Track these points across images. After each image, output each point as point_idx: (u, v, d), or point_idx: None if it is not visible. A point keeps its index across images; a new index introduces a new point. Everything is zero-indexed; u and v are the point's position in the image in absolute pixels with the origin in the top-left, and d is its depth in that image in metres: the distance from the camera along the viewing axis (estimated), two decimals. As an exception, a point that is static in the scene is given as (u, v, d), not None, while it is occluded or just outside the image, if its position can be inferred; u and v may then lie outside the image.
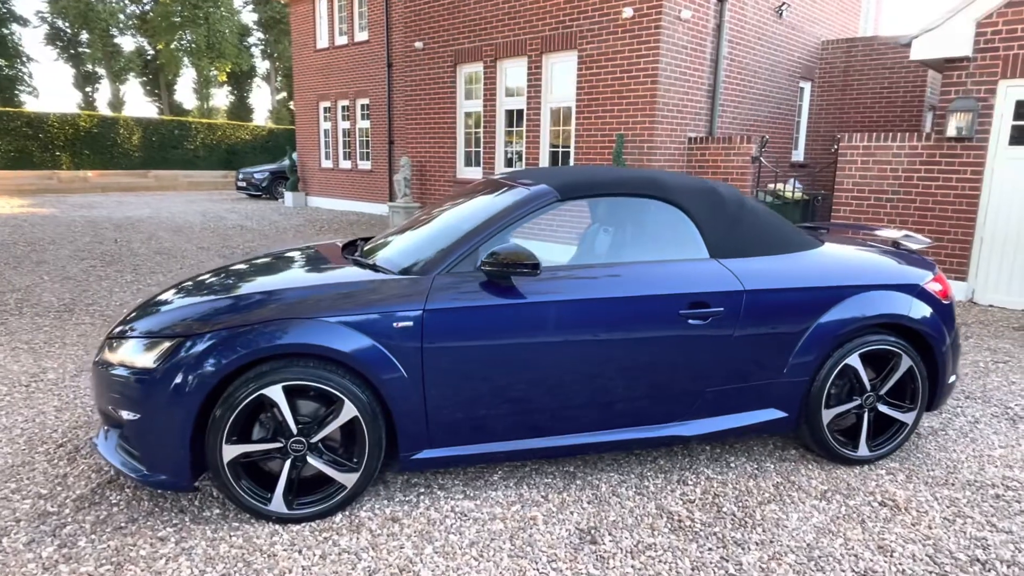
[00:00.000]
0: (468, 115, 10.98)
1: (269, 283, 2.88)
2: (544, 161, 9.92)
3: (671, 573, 2.45)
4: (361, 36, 16.38)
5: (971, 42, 6.87)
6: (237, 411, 2.57)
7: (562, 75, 9.55)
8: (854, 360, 3.21)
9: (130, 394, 2.63)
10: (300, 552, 2.53)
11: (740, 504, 2.95)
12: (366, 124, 16.74)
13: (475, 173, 10.96)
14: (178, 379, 2.54)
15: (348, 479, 2.75)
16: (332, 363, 2.68)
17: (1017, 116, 6.76)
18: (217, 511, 2.82)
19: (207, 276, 3.28)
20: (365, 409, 2.69)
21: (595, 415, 2.98)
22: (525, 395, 2.88)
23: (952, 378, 3.48)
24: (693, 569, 2.48)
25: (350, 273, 2.94)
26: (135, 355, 2.67)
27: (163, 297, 3.05)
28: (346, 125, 17.33)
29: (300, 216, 15.46)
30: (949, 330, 3.38)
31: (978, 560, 2.58)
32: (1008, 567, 2.53)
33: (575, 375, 2.90)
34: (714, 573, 2.45)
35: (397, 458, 2.84)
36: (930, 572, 2.49)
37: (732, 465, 3.32)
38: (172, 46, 38.49)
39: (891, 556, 2.58)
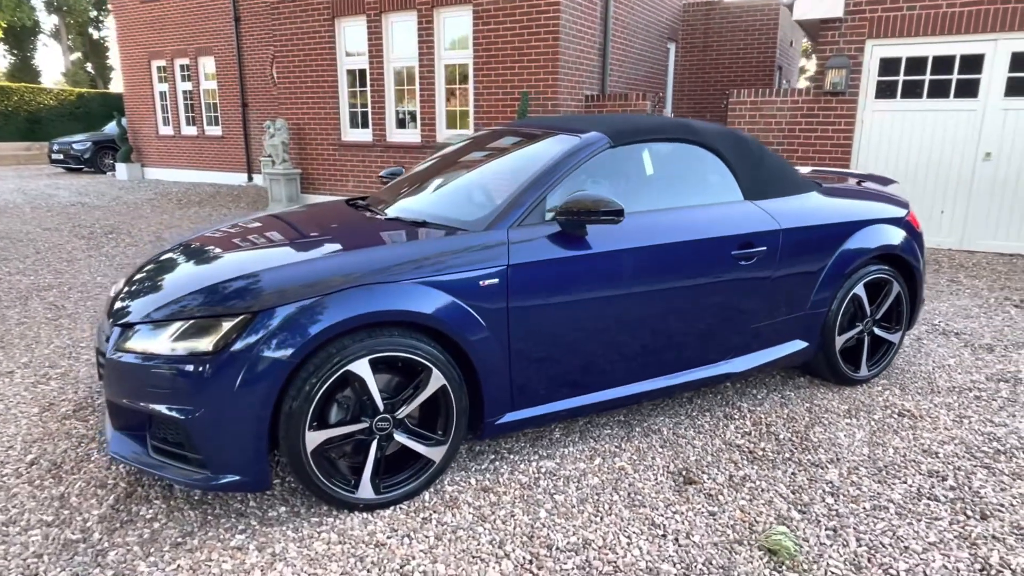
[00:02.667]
0: (351, 73, 10.31)
1: (326, 248, 2.54)
2: (441, 121, 9.61)
3: (779, 499, 2.55)
4: (199, -14, 14.67)
5: (843, 4, 7.60)
6: (322, 392, 2.26)
7: (456, 30, 9.25)
8: (860, 289, 3.51)
9: (181, 387, 2.22)
10: (409, 537, 2.31)
11: (791, 430, 3.13)
12: (212, 85, 15.16)
13: (363, 135, 10.38)
14: (250, 362, 2.17)
15: (436, 453, 2.54)
16: (418, 329, 2.43)
17: (882, 72, 7.62)
18: (283, 508, 2.49)
19: (227, 243, 2.82)
20: (452, 376, 2.48)
21: (664, 360, 3.00)
22: (600, 346, 2.81)
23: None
24: (794, 493, 2.60)
25: (416, 232, 2.69)
26: (178, 340, 2.24)
27: (186, 269, 2.59)
28: (187, 87, 15.57)
29: (146, 190, 13.75)
30: (922, 255, 3.78)
31: (1000, 451, 2.95)
32: (1023, 452, 2.94)
33: (648, 322, 2.88)
34: (816, 493, 2.59)
35: (480, 425, 2.67)
36: (975, 465, 2.82)
37: (759, 397, 3.51)
38: (-74, -6, 31.96)
39: (939, 457, 2.89)
